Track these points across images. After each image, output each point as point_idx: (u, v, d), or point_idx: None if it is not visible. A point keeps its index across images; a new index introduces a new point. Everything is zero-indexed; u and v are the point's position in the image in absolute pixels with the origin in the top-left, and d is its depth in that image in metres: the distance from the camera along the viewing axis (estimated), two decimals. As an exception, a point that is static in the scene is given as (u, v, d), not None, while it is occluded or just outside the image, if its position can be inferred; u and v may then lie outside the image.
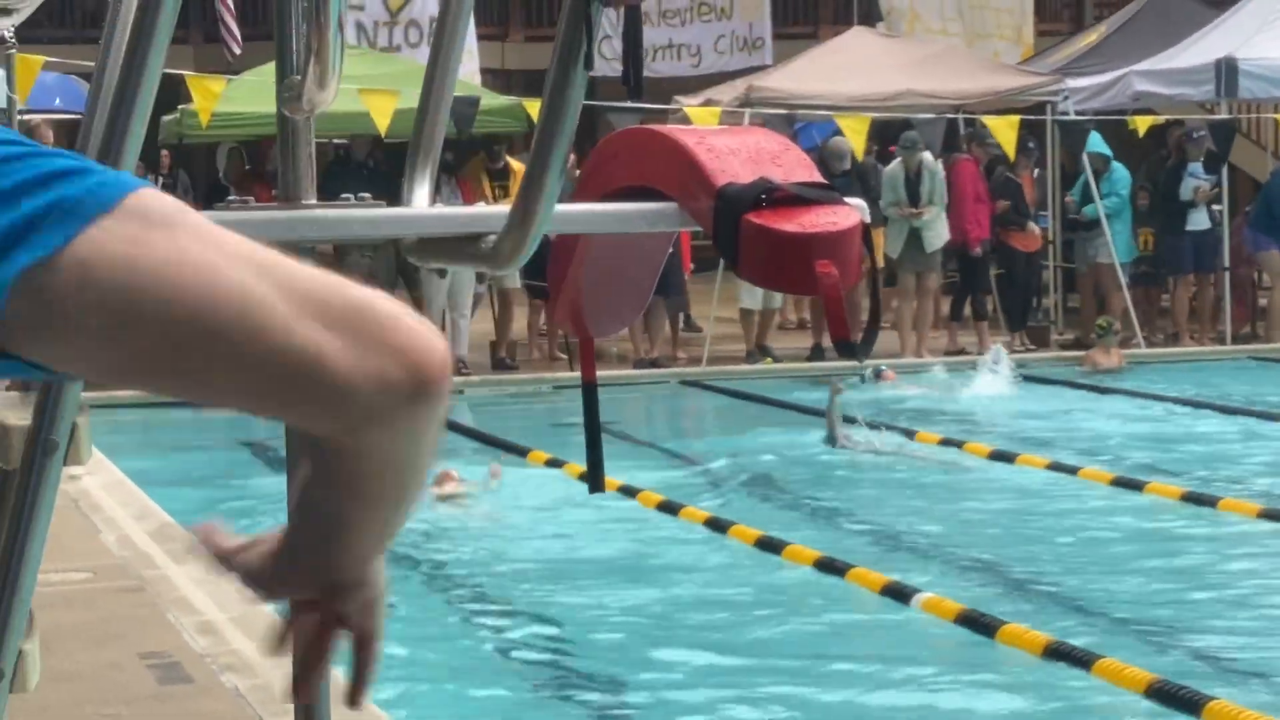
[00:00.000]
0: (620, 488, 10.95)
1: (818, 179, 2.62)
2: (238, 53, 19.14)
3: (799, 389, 16.06)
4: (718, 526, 10.06)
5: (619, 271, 3.00)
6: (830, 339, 2.56)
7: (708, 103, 18.62)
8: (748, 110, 17.64)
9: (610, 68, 8.61)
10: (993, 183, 18.50)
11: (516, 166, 16.65)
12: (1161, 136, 19.17)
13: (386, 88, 15.81)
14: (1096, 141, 18.67)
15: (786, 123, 17.73)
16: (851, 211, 2.56)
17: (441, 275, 16.62)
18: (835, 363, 16.61)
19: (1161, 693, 6.77)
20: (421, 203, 2.91)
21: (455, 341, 17.39)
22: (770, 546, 9.51)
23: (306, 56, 2.66)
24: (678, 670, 7.57)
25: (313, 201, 2.82)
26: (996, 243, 18.44)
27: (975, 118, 19.01)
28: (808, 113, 18.45)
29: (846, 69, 18.73)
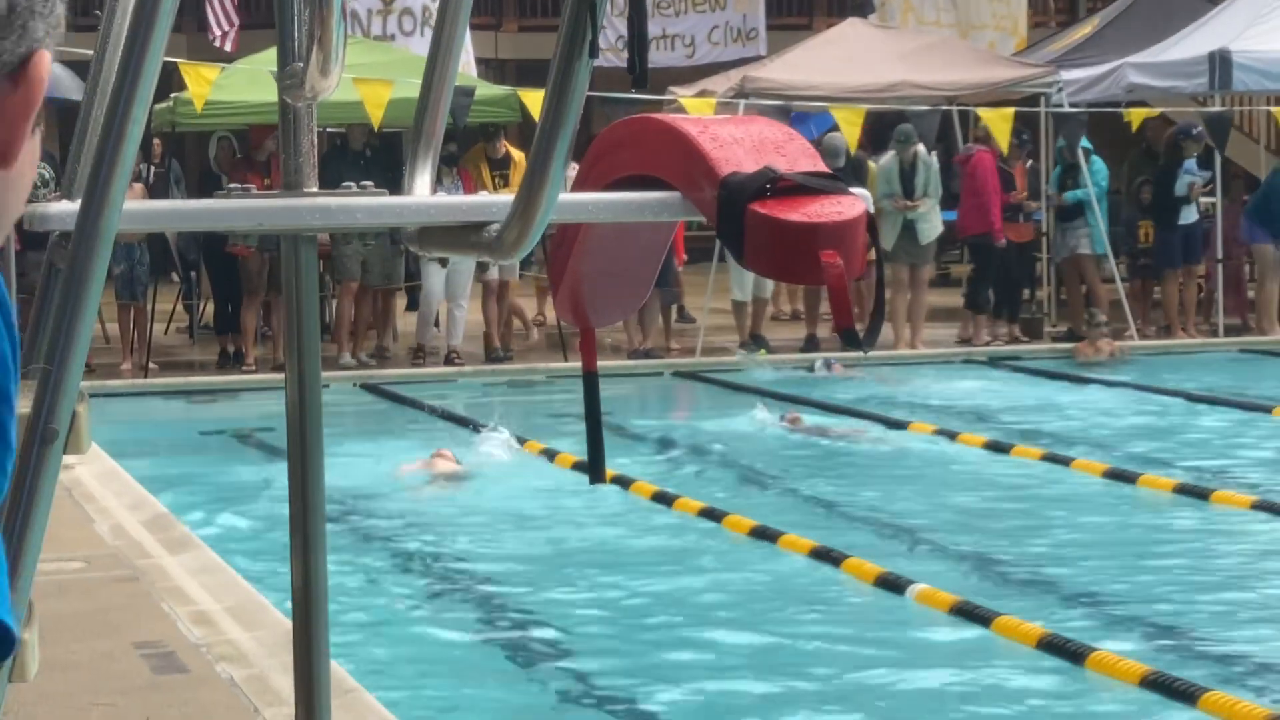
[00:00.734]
0: (614, 478, 10.95)
1: (822, 168, 2.61)
2: (229, 49, 19.13)
3: (793, 380, 16.08)
4: (712, 517, 10.06)
5: (620, 261, 2.99)
6: (835, 329, 2.55)
7: (702, 94, 18.60)
8: (742, 101, 17.62)
9: (605, 58, 8.61)
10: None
11: (517, 155, 16.62)
12: (1143, 129, 19.17)
13: (380, 77, 15.79)
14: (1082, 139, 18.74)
15: (781, 114, 17.71)
16: (857, 201, 2.55)
17: (443, 265, 16.62)
18: (833, 353, 16.64)
19: (1156, 684, 6.78)
20: (423, 191, 2.90)
21: (451, 331, 17.39)
22: (765, 536, 9.51)
23: (308, 44, 2.65)
24: (671, 659, 7.56)
25: (314, 190, 2.81)
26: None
27: (969, 109, 19.00)
28: (802, 104, 18.43)
29: (841, 60, 18.72)
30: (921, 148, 17.92)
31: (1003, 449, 12.25)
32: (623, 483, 10.90)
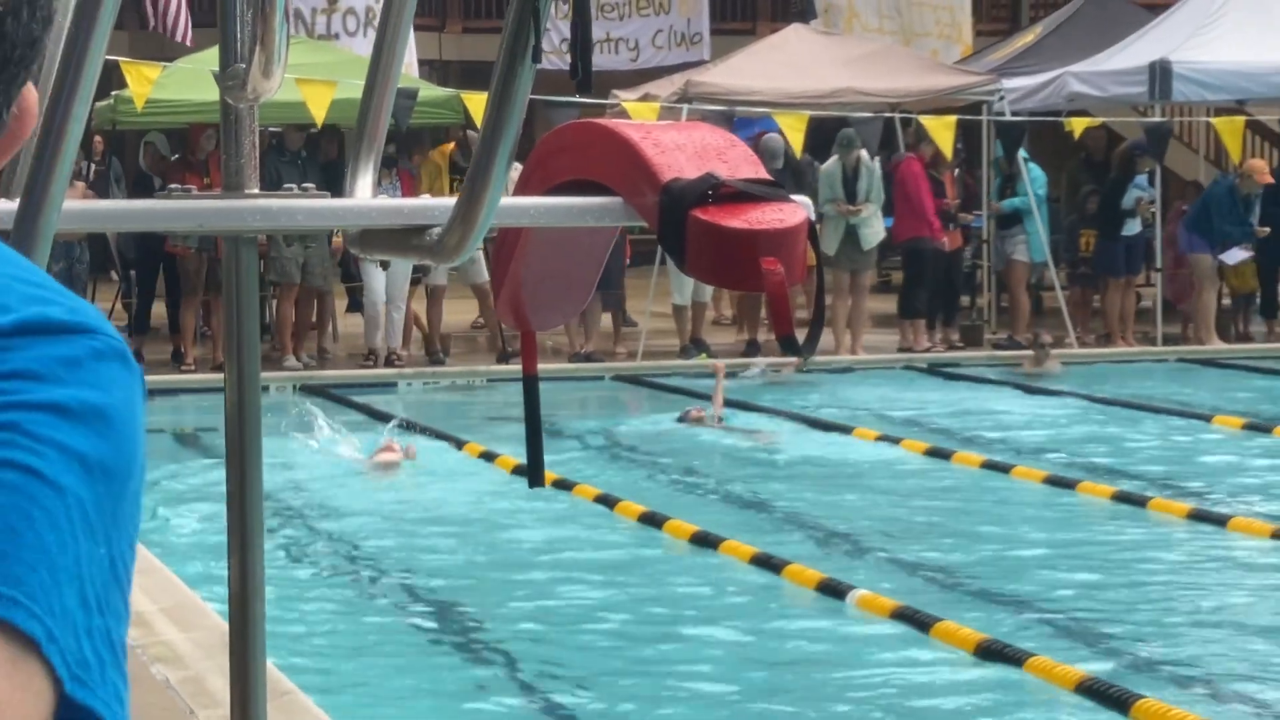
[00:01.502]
0: (555, 481, 10.95)
1: (764, 175, 2.62)
2: (186, 42, 19.00)
3: (735, 384, 16.10)
4: (653, 522, 10.06)
5: (562, 265, 2.99)
6: (775, 336, 2.56)
7: (645, 98, 18.60)
8: (685, 106, 17.64)
9: (548, 61, 8.60)
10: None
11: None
12: (1083, 138, 19.28)
13: (323, 77, 15.74)
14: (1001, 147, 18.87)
15: (724, 119, 17.74)
16: (798, 208, 2.56)
17: (384, 267, 16.59)
18: (775, 358, 16.68)
19: (1092, 690, 6.82)
20: (365, 194, 2.89)
21: (390, 334, 17.37)
22: (706, 542, 9.52)
23: (251, 45, 2.64)
24: (608, 662, 7.57)
25: (255, 191, 2.80)
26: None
27: (912, 116, 19.08)
28: (745, 109, 18.46)
29: (784, 66, 18.76)
30: (864, 153, 17.98)
31: (943, 455, 12.30)
32: (564, 486, 10.90)
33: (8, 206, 2.46)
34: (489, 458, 11.97)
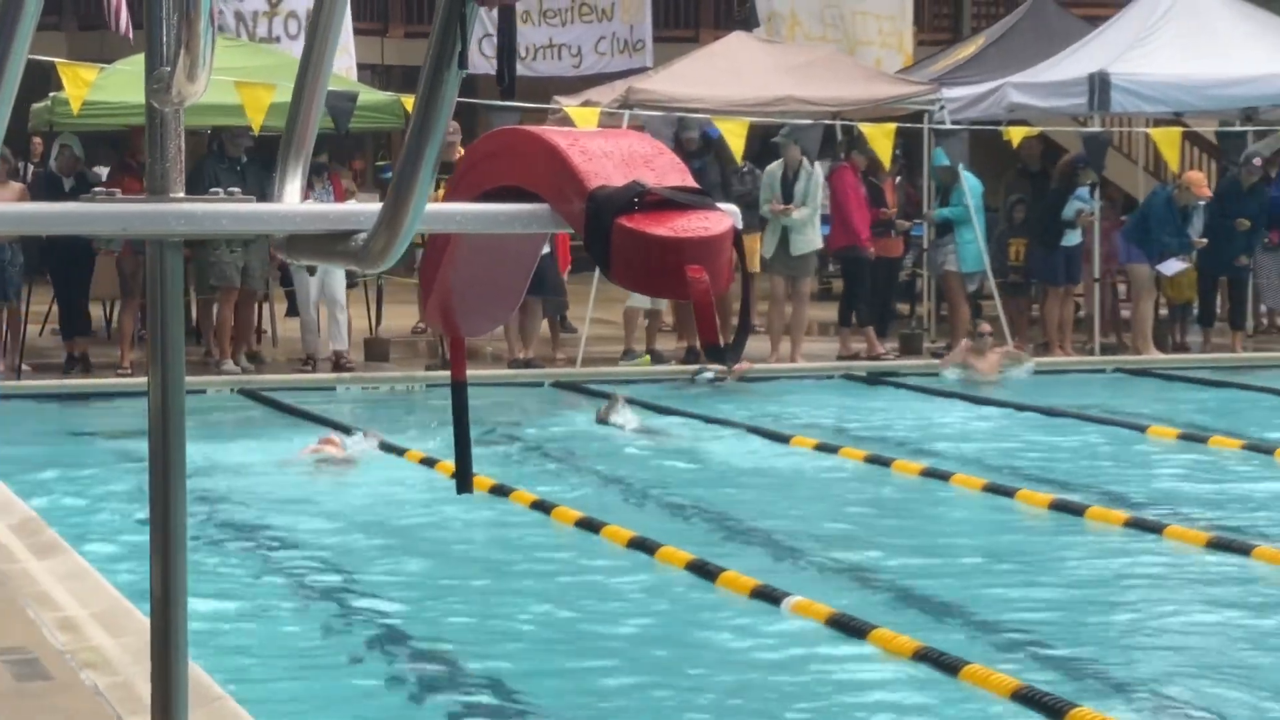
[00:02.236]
0: (493, 488, 10.92)
1: (690, 183, 2.61)
2: (129, 37, 18.87)
3: (675, 392, 16.11)
4: (590, 527, 10.05)
5: (490, 271, 2.98)
6: (700, 343, 2.55)
7: (587, 103, 18.60)
8: (627, 112, 17.64)
9: (490, 65, 8.58)
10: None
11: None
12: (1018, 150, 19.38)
13: (263, 80, 15.67)
14: (941, 155, 18.92)
15: (665, 125, 17.76)
16: (724, 217, 2.55)
17: (311, 273, 16.55)
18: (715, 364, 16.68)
19: (1026, 698, 6.84)
20: (293, 199, 2.87)
21: (334, 335, 17.31)
22: (643, 548, 9.51)
23: (176, 48, 2.61)
24: (540, 668, 7.55)
25: (180, 195, 2.77)
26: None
27: (853, 125, 19.13)
28: (687, 116, 18.46)
29: (727, 73, 18.78)
30: (806, 158, 18.02)
31: (882, 463, 12.32)
32: (501, 491, 10.88)
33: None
34: (429, 463, 11.93)
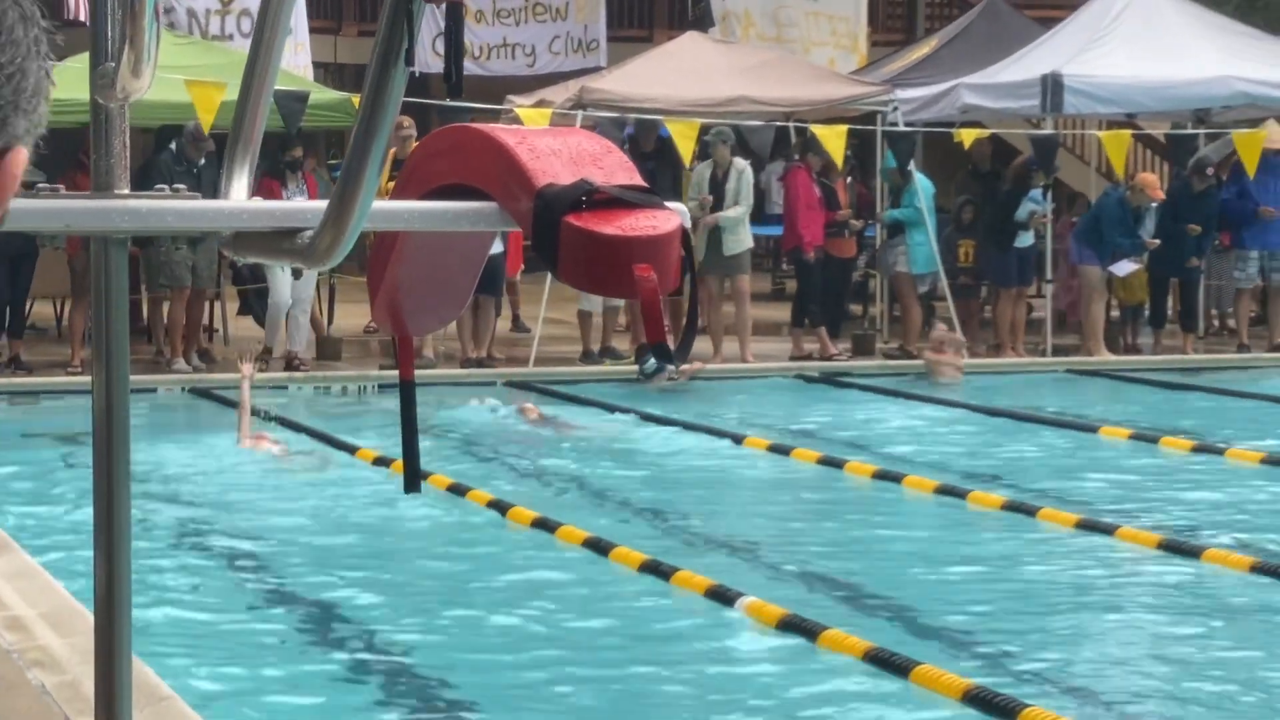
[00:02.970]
0: (450, 486, 10.90)
1: (639, 182, 2.60)
2: (84, 20, 18.75)
3: (629, 391, 16.09)
4: (546, 527, 10.03)
5: (438, 270, 2.97)
6: (647, 342, 2.55)
7: (540, 103, 18.57)
8: (580, 112, 17.62)
9: (442, 64, 8.57)
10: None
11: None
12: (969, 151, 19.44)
13: (214, 79, 15.60)
14: (890, 158, 18.97)
15: (618, 125, 17.75)
16: (672, 215, 2.55)
17: (297, 276, 16.48)
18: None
19: (977, 699, 6.85)
20: (239, 196, 2.85)
21: (293, 337, 17.24)
22: (597, 548, 9.50)
23: (120, 43, 2.59)
24: (491, 667, 7.53)
25: (125, 191, 2.75)
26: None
27: (806, 126, 19.15)
28: (639, 116, 18.46)
29: (680, 73, 18.77)
30: (738, 159, 17.99)
31: (835, 464, 12.32)
32: (458, 491, 10.86)
33: None
34: (383, 462, 11.89)
